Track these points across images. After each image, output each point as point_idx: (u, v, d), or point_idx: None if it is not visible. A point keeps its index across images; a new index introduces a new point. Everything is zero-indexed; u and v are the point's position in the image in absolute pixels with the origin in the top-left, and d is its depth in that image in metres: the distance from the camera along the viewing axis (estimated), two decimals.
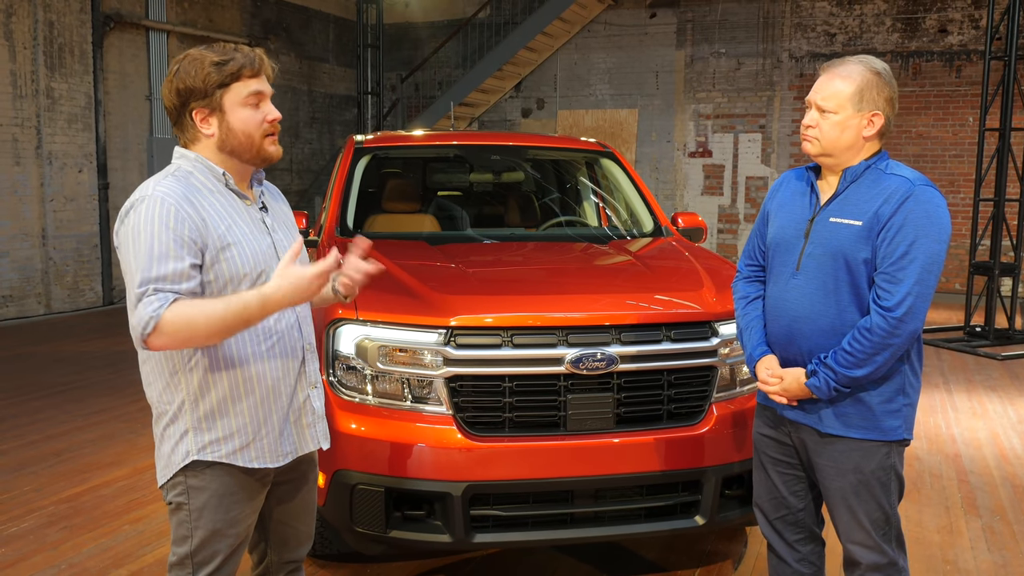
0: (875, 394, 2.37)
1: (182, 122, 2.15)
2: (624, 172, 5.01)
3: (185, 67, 2.09)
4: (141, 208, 2.02)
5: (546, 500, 3.11)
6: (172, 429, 2.15)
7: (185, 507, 2.16)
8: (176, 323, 1.97)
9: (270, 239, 2.23)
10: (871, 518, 2.42)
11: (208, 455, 2.13)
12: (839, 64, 2.40)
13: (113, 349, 8.09)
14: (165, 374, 2.14)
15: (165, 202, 2.02)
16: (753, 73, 12.98)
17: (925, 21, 11.96)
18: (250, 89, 2.13)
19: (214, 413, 2.13)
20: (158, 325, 1.96)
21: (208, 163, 2.16)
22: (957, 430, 5.80)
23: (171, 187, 2.06)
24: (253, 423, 2.17)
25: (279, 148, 2.23)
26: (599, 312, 3.16)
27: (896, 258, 2.27)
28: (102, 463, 4.94)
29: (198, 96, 2.10)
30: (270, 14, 13.22)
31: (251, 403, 2.16)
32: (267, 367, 2.18)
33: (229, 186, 2.18)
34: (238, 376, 2.14)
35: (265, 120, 2.16)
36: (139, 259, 1.99)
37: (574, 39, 13.95)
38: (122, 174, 10.78)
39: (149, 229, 2.00)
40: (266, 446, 2.20)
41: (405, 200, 5.02)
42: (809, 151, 2.44)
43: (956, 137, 11.88)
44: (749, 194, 13.15)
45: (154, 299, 1.97)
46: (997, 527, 4.17)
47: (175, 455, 2.15)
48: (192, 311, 1.99)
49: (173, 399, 2.14)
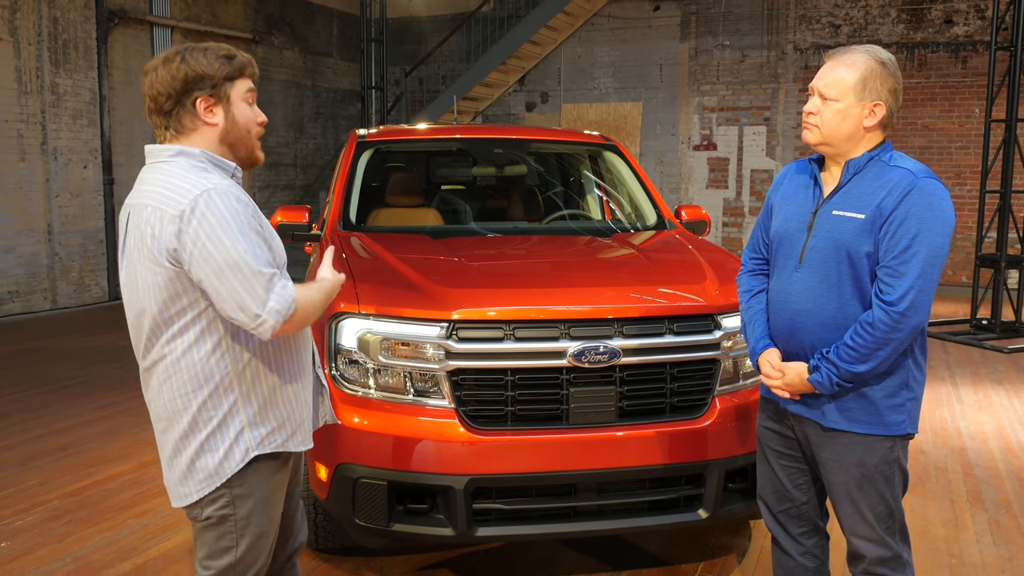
0: (878, 388, 2.35)
1: (178, 112, 2.07)
2: (627, 165, 4.99)
3: (191, 56, 2.07)
4: (215, 201, 1.96)
5: (549, 494, 3.11)
6: (219, 437, 2.09)
7: (230, 519, 2.12)
8: (305, 306, 2.05)
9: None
10: (875, 512, 2.41)
11: (267, 447, 2.14)
12: (844, 52, 2.38)
13: (118, 344, 8.11)
14: (214, 380, 2.07)
15: (235, 195, 2.02)
16: (757, 65, 12.93)
17: (931, 12, 11.89)
18: (248, 86, 2.17)
19: (266, 405, 2.15)
20: (296, 308, 2.01)
21: (216, 157, 2.11)
22: (963, 423, 5.78)
23: (222, 179, 2.05)
24: (298, 406, 2.23)
25: (263, 154, 2.28)
26: (601, 305, 3.16)
27: (899, 251, 2.25)
28: (107, 457, 4.96)
29: (206, 84, 2.07)
30: (274, 9, 13.20)
31: (294, 387, 2.21)
32: (299, 350, 2.24)
33: (236, 180, 2.17)
34: (283, 361, 2.18)
35: (257, 121, 2.20)
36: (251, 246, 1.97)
37: (578, 32, 13.91)
38: (127, 169, 10.79)
39: (240, 219, 1.98)
40: (306, 428, 2.27)
41: (408, 194, 5.02)
42: (808, 140, 2.42)
43: (962, 129, 11.82)
44: (754, 187, 13.11)
45: (286, 283, 2.01)
46: (1003, 520, 4.15)
47: (230, 460, 2.10)
48: (307, 294, 2.08)
49: (221, 403, 2.09)
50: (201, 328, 2.04)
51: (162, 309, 2.02)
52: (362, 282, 3.25)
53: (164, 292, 2.00)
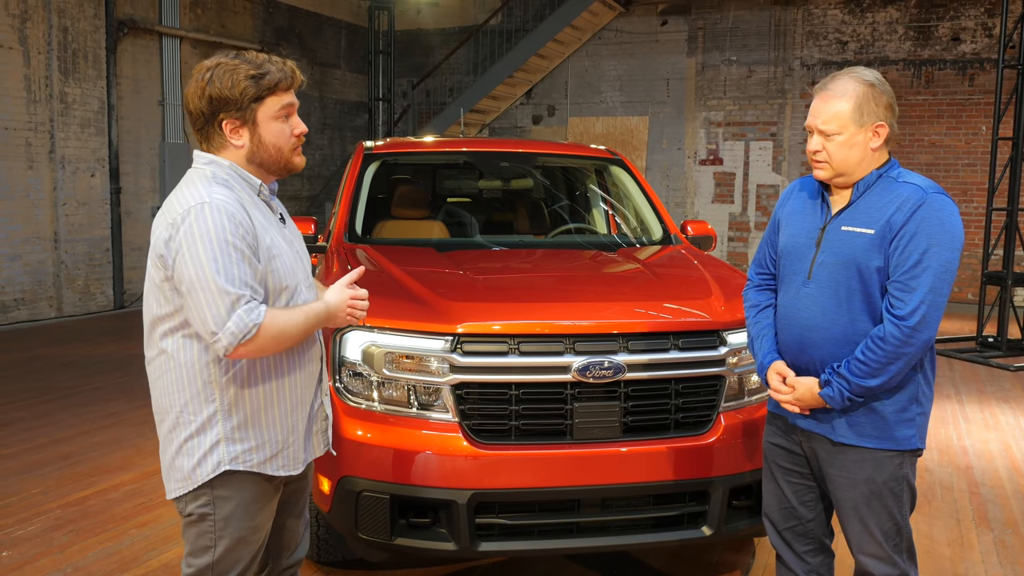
0: (888, 403, 2.35)
1: (208, 130, 2.11)
2: (633, 179, 4.99)
3: (219, 75, 2.05)
4: (205, 213, 1.97)
5: (552, 509, 3.09)
6: (197, 441, 2.11)
7: (210, 518, 2.13)
8: (271, 331, 2.00)
9: (293, 250, 2.24)
10: (883, 529, 2.40)
11: (240, 465, 2.12)
12: (830, 83, 2.37)
13: (123, 353, 8.12)
14: (196, 384, 2.10)
15: (228, 210, 2.00)
16: (764, 81, 12.95)
17: (938, 29, 11.91)
18: (283, 103, 2.13)
19: (247, 423, 2.12)
20: (258, 333, 1.97)
21: (244, 172, 2.14)
22: (969, 441, 5.75)
23: (226, 195, 2.04)
24: (283, 432, 2.18)
25: (303, 158, 2.25)
26: (606, 320, 3.15)
27: (909, 266, 2.26)
28: (110, 467, 4.95)
29: (231, 107, 2.07)
30: (282, 20, 13.27)
31: (281, 412, 2.17)
32: (297, 376, 2.20)
33: (262, 196, 2.18)
34: (272, 385, 2.15)
35: (293, 134, 2.17)
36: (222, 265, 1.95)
37: (585, 46, 13.95)
38: (134, 178, 10.83)
39: (222, 236, 1.97)
40: (291, 454, 2.22)
41: (414, 206, 5.02)
42: (822, 177, 2.42)
43: (969, 146, 11.82)
44: (760, 202, 13.10)
45: (252, 307, 1.98)
46: (1009, 540, 4.12)
47: (202, 467, 2.11)
48: (281, 319, 2.03)
49: (201, 410, 2.10)
50: (189, 332, 2.08)
51: (157, 307, 2.09)
52: None
53: (159, 292, 2.07)
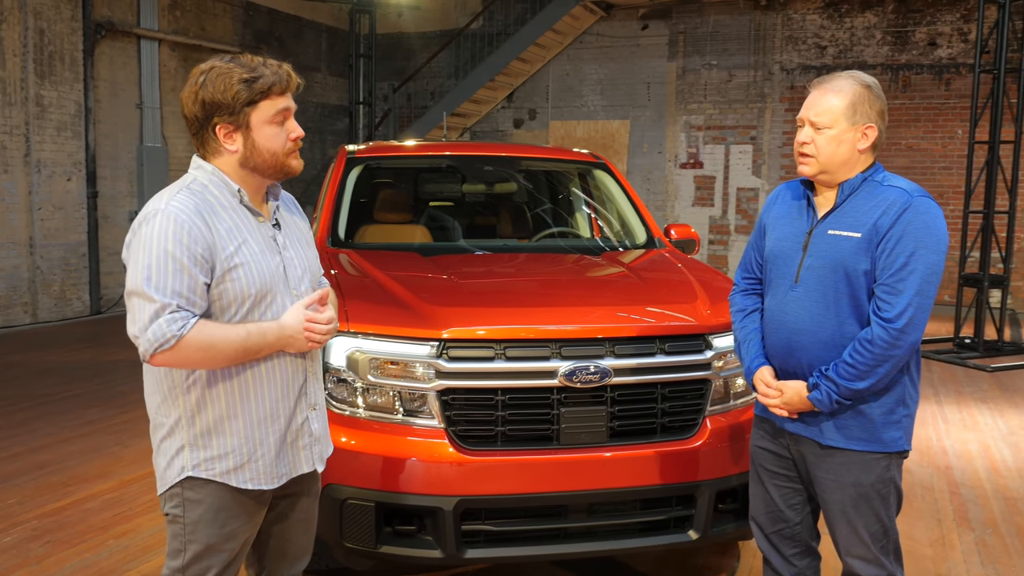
0: (876, 405, 2.37)
1: (203, 135, 2.11)
2: (617, 183, 4.99)
3: (212, 79, 2.05)
4: (155, 222, 1.99)
5: (539, 515, 3.08)
6: (168, 443, 2.13)
7: (180, 520, 2.13)
8: (196, 344, 1.97)
9: (280, 258, 2.20)
10: (870, 531, 2.41)
11: (202, 472, 2.10)
12: (829, 80, 2.41)
13: (100, 359, 8.02)
14: (163, 388, 2.12)
15: (179, 219, 1.99)
16: (744, 85, 13.02)
17: (915, 34, 12.02)
18: (278, 107, 2.11)
19: (210, 431, 2.11)
20: (178, 343, 1.95)
21: (224, 178, 2.13)
22: (948, 442, 5.79)
23: (185, 203, 2.03)
24: (249, 444, 2.14)
25: (301, 162, 2.22)
26: (593, 325, 3.14)
27: (896, 269, 2.28)
28: (87, 476, 4.88)
29: (224, 112, 2.06)
30: (262, 23, 13.20)
31: (248, 423, 2.13)
32: (266, 388, 2.16)
33: (243, 203, 2.15)
34: (235, 395, 2.12)
35: (289, 138, 2.15)
36: (154, 273, 1.96)
37: (566, 50, 13.97)
38: (111, 183, 10.72)
39: (163, 245, 1.97)
40: (261, 467, 2.16)
41: (397, 211, 5.00)
42: (806, 172, 2.43)
43: (945, 149, 11.94)
44: (740, 205, 13.17)
45: (178, 317, 1.96)
46: (989, 540, 4.15)
47: (171, 469, 2.13)
48: (214, 334, 2.00)
49: (170, 413, 2.12)
50: None
51: None
52: (351, 300, 3.22)
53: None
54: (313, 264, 2.35)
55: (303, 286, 2.25)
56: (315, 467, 2.32)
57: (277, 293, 2.16)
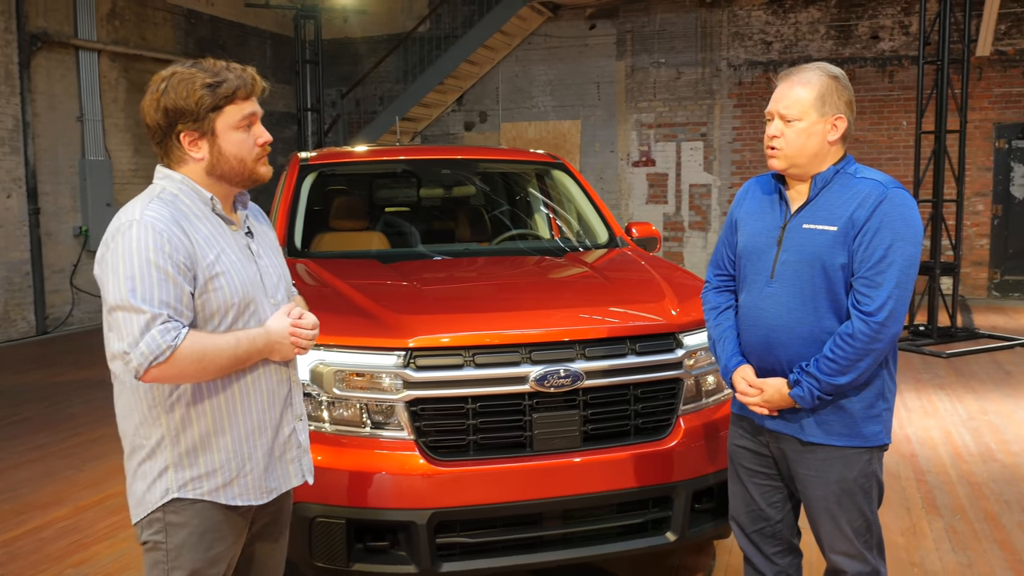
0: (856, 400, 2.34)
1: (167, 143, 2.04)
2: (576, 183, 4.95)
3: (174, 85, 1.98)
4: (131, 233, 1.91)
5: (514, 524, 3.02)
6: (149, 465, 2.02)
7: (162, 546, 2.03)
8: (191, 355, 1.89)
9: (256, 267, 2.14)
10: (853, 526, 2.39)
11: (189, 492, 2.01)
12: (795, 72, 2.39)
13: (49, 381, 7.76)
14: (143, 407, 2.01)
15: (156, 227, 1.92)
16: (693, 82, 13.10)
17: (857, 28, 12.21)
18: (244, 112, 2.04)
19: (196, 448, 2.01)
20: (173, 355, 1.87)
21: (195, 186, 2.06)
22: (911, 429, 5.86)
23: (159, 212, 1.96)
24: (237, 458, 2.06)
25: (269, 168, 2.16)
26: (562, 327, 3.08)
27: (874, 262, 2.25)
28: (40, 503, 4.69)
29: (188, 118, 1.99)
30: (204, 31, 12.94)
31: (236, 437, 2.05)
32: (253, 399, 2.08)
33: (216, 211, 2.08)
34: (222, 409, 2.03)
35: (256, 144, 2.08)
36: (139, 284, 1.87)
37: (515, 51, 13.93)
38: (53, 198, 10.39)
39: (144, 254, 1.89)
40: (250, 482, 2.09)
41: (353, 218, 4.89)
42: (776, 167, 2.40)
43: (891, 140, 12.13)
44: (693, 202, 13.25)
45: (169, 327, 1.88)
46: (959, 527, 4.18)
47: (152, 493, 2.02)
48: (206, 344, 1.93)
49: (151, 434, 2.01)
50: None
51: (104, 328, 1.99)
52: (312, 311, 3.11)
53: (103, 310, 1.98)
54: (285, 272, 2.29)
55: (279, 294, 2.20)
56: (305, 479, 2.26)
57: (258, 302, 2.09)
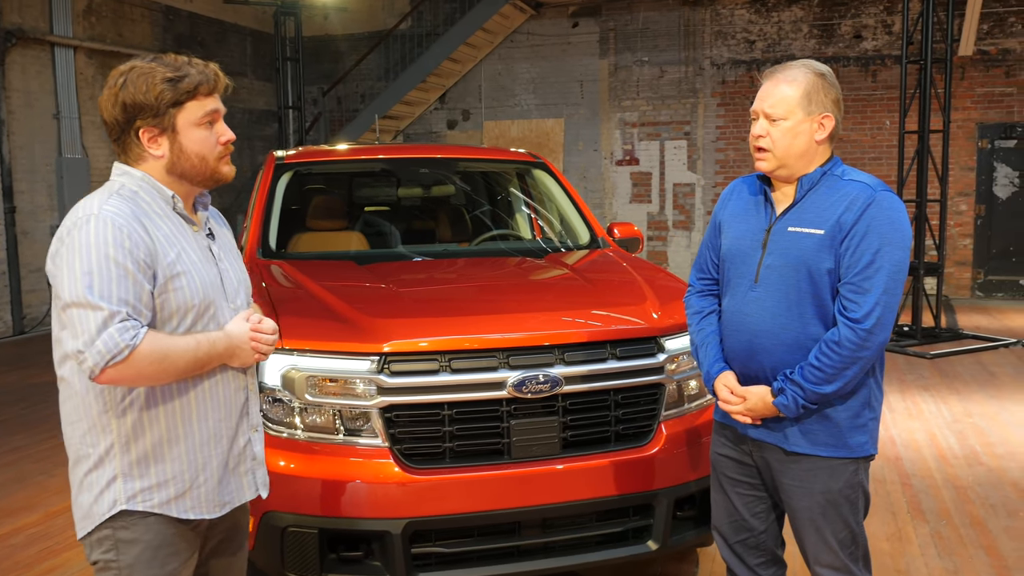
0: (842, 409, 2.27)
1: (125, 140, 1.96)
2: (557, 183, 4.87)
3: (133, 80, 1.90)
4: (89, 227, 1.82)
5: (492, 533, 2.94)
6: (95, 475, 1.92)
7: (114, 565, 1.93)
8: (150, 356, 1.80)
9: (217, 269, 2.05)
10: (838, 538, 2.32)
11: (139, 504, 1.91)
12: (781, 70, 2.31)
13: (25, 383, 7.61)
14: (92, 413, 1.91)
15: (116, 222, 1.83)
16: (676, 81, 13.06)
17: (840, 27, 12.20)
18: (206, 109, 1.97)
19: (148, 458, 1.92)
20: (132, 355, 1.78)
21: (156, 184, 1.97)
22: (895, 431, 5.82)
23: (119, 207, 1.87)
24: (191, 469, 1.96)
25: (232, 168, 2.07)
26: (541, 332, 3.01)
27: (862, 267, 2.18)
28: (11, 508, 4.57)
29: (147, 114, 1.91)
30: (183, 28, 12.77)
31: (190, 446, 1.96)
32: (209, 407, 1.99)
33: (177, 210, 2.00)
34: (177, 415, 1.94)
35: (219, 142, 2.00)
36: (96, 280, 1.78)
37: (497, 49, 13.84)
38: (29, 196, 10.22)
39: (103, 250, 1.80)
40: (203, 494, 1.99)
41: (330, 218, 4.80)
42: (763, 168, 2.31)
43: (874, 140, 12.13)
44: (677, 201, 13.21)
45: (128, 326, 1.78)
46: (944, 532, 4.14)
47: (99, 505, 1.91)
48: (166, 344, 1.84)
49: (99, 442, 1.91)
50: None
51: (56, 329, 1.91)
52: (284, 314, 3.03)
53: (54, 310, 1.90)
54: (245, 277, 2.20)
55: (240, 299, 2.11)
56: (259, 493, 2.16)
57: (217, 306, 2.01)
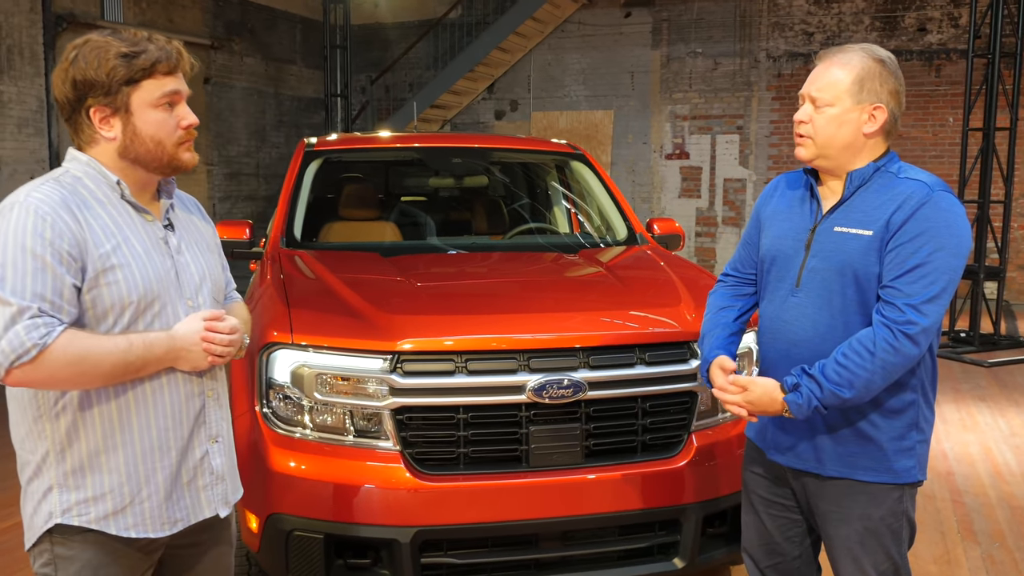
0: (886, 430, 2.05)
1: (76, 120, 1.82)
2: (596, 175, 4.68)
3: (85, 55, 1.76)
4: (11, 216, 1.69)
5: (507, 545, 2.78)
6: (35, 484, 1.80)
7: None
8: (66, 357, 1.65)
9: (171, 262, 1.89)
10: (878, 570, 2.11)
11: (73, 518, 1.76)
12: (837, 51, 2.08)
13: None
14: (28, 418, 1.78)
15: (39, 211, 1.69)
16: (730, 73, 12.72)
17: (904, 20, 11.75)
18: (164, 89, 1.81)
19: (83, 467, 1.77)
20: (42, 355, 1.63)
21: (101, 169, 1.82)
22: (948, 444, 5.52)
23: (48, 194, 1.73)
24: (131, 482, 1.80)
25: (194, 155, 1.91)
26: (564, 333, 2.83)
27: (907, 270, 1.95)
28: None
29: (99, 92, 1.76)
30: (233, 14, 12.81)
31: (129, 456, 1.80)
32: (152, 413, 1.82)
33: (125, 198, 1.84)
34: (113, 421, 1.78)
35: (179, 126, 1.84)
36: (9, 272, 1.65)
37: (547, 39, 13.64)
38: None
39: (20, 240, 1.66)
40: (147, 511, 1.83)
41: (360, 207, 4.67)
42: (802, 156, 2.10)
43: (936, 137, 11.67)
44: (727, 196, 12.88)
45: (39, 323, 1.64)
46: (998, 555, 3.87)
47: (37, 516, 1.79)
48: (87, 345, 1.68)
49: (36, 448, 1.78)
50: None
51: None
52: (297, 308, 2.90)
53: None
54: (216, 273, 2.02)
55: (201, 296, 1.93)
56: (217, 512, 1.96)
57: (167, 302, 1.84)
